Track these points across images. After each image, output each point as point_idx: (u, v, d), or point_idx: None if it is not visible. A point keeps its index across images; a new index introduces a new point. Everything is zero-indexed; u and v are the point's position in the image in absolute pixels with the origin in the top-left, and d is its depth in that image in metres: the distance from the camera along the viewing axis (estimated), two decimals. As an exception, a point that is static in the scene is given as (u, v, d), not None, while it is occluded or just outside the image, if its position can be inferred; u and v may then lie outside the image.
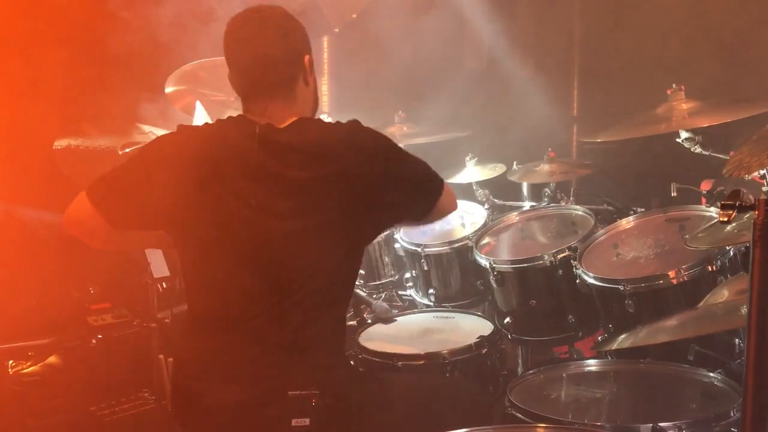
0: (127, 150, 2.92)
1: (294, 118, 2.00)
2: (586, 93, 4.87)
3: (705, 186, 3.03)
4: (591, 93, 4.81)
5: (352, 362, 2.73)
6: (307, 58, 2.04)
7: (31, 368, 2.81)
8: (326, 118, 4.55)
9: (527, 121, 4.57)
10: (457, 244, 3.33)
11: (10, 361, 2.80)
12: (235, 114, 2.06)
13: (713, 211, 2.78)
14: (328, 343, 1.97)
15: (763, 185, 2.28)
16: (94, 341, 2.87)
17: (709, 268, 2.53)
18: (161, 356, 2.80)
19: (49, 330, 2.92)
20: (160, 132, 3.01)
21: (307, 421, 1.83)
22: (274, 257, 1.91)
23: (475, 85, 4.83)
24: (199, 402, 1.94)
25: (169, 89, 3.20)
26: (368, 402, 2.01)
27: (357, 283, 3.46)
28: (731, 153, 2.15)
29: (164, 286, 2.98)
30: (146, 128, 3.05)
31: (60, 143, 2.85)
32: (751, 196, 1.69)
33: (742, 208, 1.29)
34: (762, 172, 2.26)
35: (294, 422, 1.82)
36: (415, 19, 4.55)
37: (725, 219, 1.31)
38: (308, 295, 1.92)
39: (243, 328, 1.92)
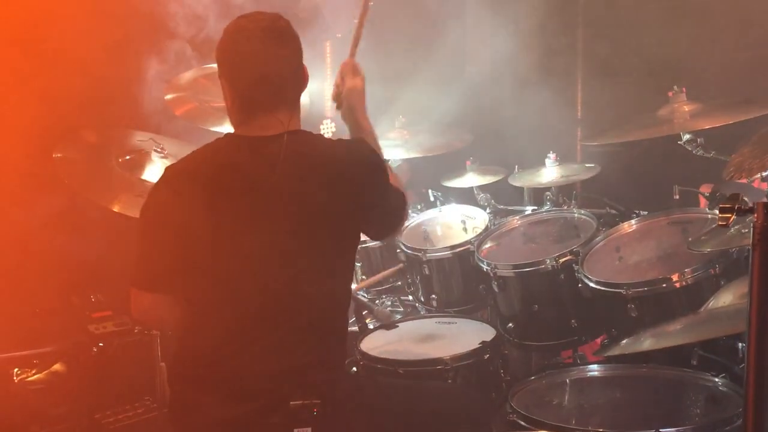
0: (127, 157, 2.93)
1: (290, 128, 2.01)
2: (591, 96, 4.86)
3: (705, 189, 3.01)
4: (595, 96, 4.79)
5: (354, 368, 2.73)
6: (305, 70, 2.08)
7: (35, 376, 2.82)
8: (329, 122, 4.56)
9: (530, 124, 4.56)
10: (458, 249, 3.32)
11: (16, 369, 2.80)
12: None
13: (715, 214, 2.76)
14: (329, 352, 1.98)
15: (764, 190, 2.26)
16: (95, 349, 2.87)
17: (712, 272, 2.51)
18: (163, 364, 2.79)
19: (51, 338, 2.92)
20: (160, 139, 3.02)
21: (308, 431, 1.83)
22: (270, 266, 1.92)
23: (477, 89, 4.83)
24: (199, 415, 1.94)
25: (169, 96, 3.20)
26: (370, 410, 2.01)
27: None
28: (732, 156, 2.13)
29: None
30: (146, 135, 3.05)
31: (60, 151, 2.85)
32: (746, 199, 1.67)
33: (741, 212, 1.27)
34: (764, 174, 2.25)
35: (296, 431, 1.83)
36: (418, 23, 4.55)
37: (724, 223, 1.30)
38: (307, 304, 1.93)
39: (244, 341, 1.92)
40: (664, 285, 2.56)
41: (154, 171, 2.92)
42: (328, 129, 4.50)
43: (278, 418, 1.85)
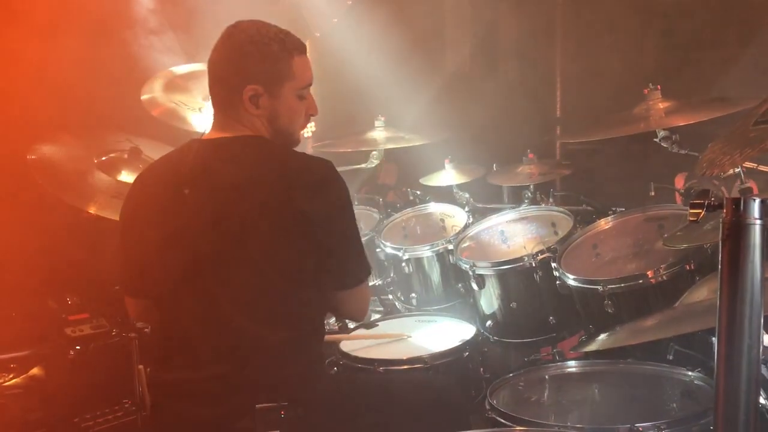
0: (103, 158, 2.90)
1: (246, 133, 2.00)
2: (570, 94, 4.89)
3: (678, 181, 3.04)
4: (574, 94, 4.83)
5: (335, 368, 2.72)
6: (248, 89, 1.97)
7: (13, 381, 2.78)
8: (309, 124, 4.54)
9: (510, 123, 4.59)
10: (438, 248, 3.33)
11: (-7, 374, 2.77)
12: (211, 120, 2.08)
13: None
14: (297, 354, 1.96)
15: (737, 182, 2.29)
16: (72, 352, 2.84)
17: (688, 267, 2.53)
18: (141, 366, 2.76)
19: (28, 342, 2.89)
20: (136, 140, 3.00)
21: None
22: (224, 270, 1.90)
23: (456, 88, 4.84)
24: (172, 420, 1.96)
25: (145, 96, 3.18)
26: (345, 411, 2.00)
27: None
28: (704, 153, 2.16)
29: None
30: (122, 136, 3.03)
31: (35, 153, 2.82)
32: (724, 189, 1.66)
33: (711, 208, 1.29)
34: (736, 170, 2.27)
35: None
36: (397, 22, 4.55)
37: (694, 219, 1.31)
38: (267, 306, 1.92)
39: (211, 345, 1.92)
40: (640, 281, 2.58)
41: (130, 172, 2.90)
42: (307, 128, 4.49)
43: (245, 422, 1.84)
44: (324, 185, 1.94)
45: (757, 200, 1.22)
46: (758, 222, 1.22)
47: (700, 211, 1.30)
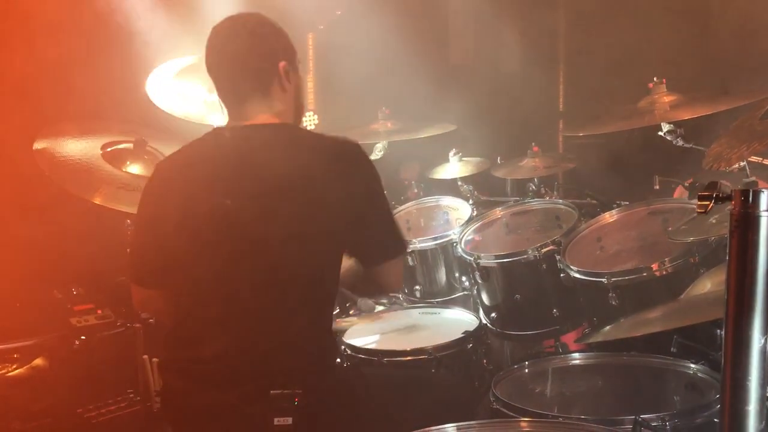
0: (109, 149, 2.91)
1: (273, 121, 2.03)
2: (572, 88, 4.89)
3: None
4: (577, 88, 4.82)
5: (338, 359, 2.73)
6: (282, 64, 2.04)
7: (17, 371, 2.79)
8: (311, 115, 4.55)
9: (513, 116, 4.58)
10: (442, 240, 3.33)
11: (-4, 364, 2.78)
12: (218, 112, 2.08)
13: (695, 204, 2.78)
14: (312, 342, 1.97)
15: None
16: (77, 343, 2.85)
17: (692, 260, 2.54)
18: (145, 356, 2.78)
19: (33, 332, 2.90)
20: (142, 131, 3.00)
21: (289, 420, 1.82)
22: (252, 257, 1.92)
23: (459, 81, 4.84)
24: (185, 403, 1.96)
25: (151, 87, 3.18)
26: (354, 401, 2.01)
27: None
28: (711, 146, 2.17)
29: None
30: (128, 127, 3.03)
31: (40, 143, 2.83)
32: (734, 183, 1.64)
33: (719, 200, 1.29)
34: (742, 164, 2.28)
35: (276, 421, 1.82)
36: (400, 15, 4.54)
37: (702, 210, 1.31)
38: (289, 294, 1.93)
39: (225, 330, 1.93)
40: (645, 274, 2.58)
41: (136, 163, 2.91)
42: (310, 121, 4.49)
43: (258, 408, 1.84)
44: (359, 163, 2.02)
45: (766, 192, 1.22)
46: (767, 214, 1.22)
47: (709, 202, 1.30)
